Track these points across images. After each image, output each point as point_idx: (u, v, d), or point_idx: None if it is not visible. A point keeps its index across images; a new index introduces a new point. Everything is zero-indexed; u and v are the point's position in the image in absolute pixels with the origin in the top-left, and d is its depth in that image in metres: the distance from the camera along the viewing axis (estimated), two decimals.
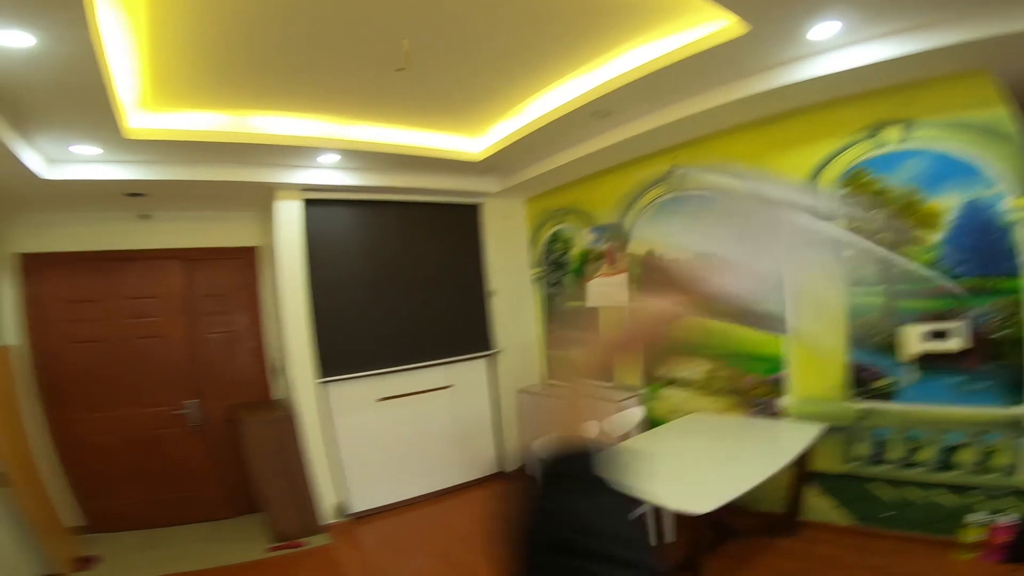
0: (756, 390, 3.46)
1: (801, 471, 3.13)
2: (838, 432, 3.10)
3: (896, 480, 2.94)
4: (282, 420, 3.86)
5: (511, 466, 4.98)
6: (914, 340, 2.78)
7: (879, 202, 2.86)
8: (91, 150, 3.00)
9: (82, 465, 3.90)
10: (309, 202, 4.02)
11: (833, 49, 2.57)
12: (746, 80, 2.86)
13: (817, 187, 3.07)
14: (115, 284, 4.01)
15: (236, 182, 3.60)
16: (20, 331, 3.74)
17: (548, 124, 3.41)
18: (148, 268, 4.11)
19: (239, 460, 4.06)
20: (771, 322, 3.16)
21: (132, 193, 3.56)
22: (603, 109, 3.23)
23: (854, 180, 2.95)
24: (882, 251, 2.86)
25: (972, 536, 2.68)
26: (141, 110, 2.84)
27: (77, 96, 2.28)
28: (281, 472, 3.80)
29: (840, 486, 3.16)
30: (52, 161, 3.07)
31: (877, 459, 3.00)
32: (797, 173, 3.15)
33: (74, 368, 3.88)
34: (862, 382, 3.00)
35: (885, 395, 2.93)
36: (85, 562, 3.48)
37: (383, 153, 3.70)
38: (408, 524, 4.05)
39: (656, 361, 3.68)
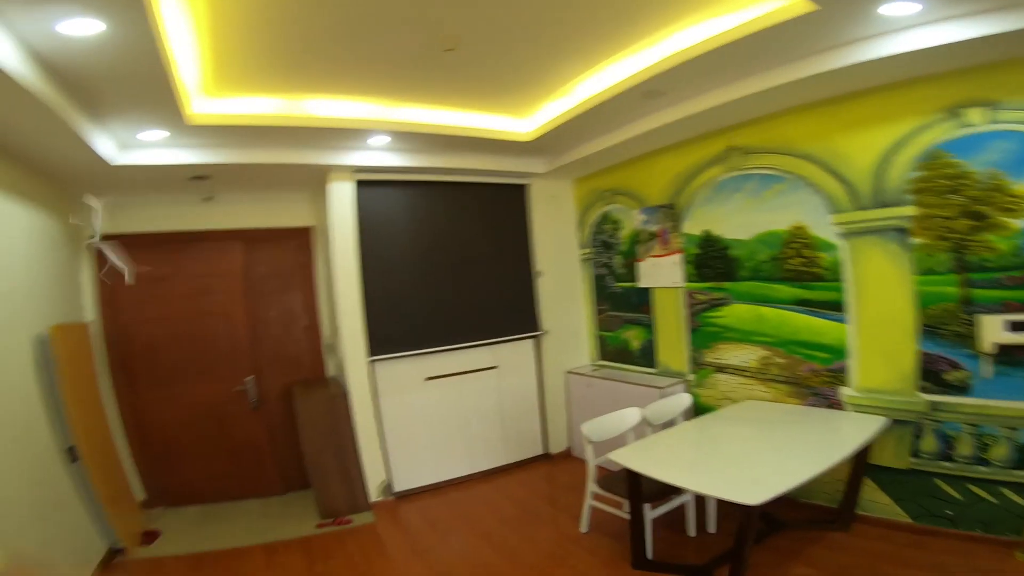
0: (815, 379, 3.34)
1: (859, 464, 3.02)
2: (902, 426, 2.97)
3: (963, 477, 2.80)
4: (335, 398, 3.97)
5: (555, 448, 5.01)
6: (993, 331, 2.60)
7: (958, 186, 2.67)
8: (157, 135, 3.12)
9: (147, 440, 4.14)
10: (361, 183, 4.09)
11: (909, 28, 2.39)
12: (812, 59, 2.70)
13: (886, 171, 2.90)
14: (181, 264, 4.19)
15: (292, 164, 3.70)
16: (95, 309, 3.97)
17: (598, 105, 3.33)
18: (211, 248, 4.28)
19: (292, 437, 4.24)
20: (832, 309, 3.07)
21: (196, 176, 3.72)
22: (656, 89, 3.13)
23: (930, 163, 2.76)
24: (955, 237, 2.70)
25: None
26: (202, 96, 2.93)
27: (143, 82, 2.36)
28: (332, 449, 3.93)
29: (901, 481, 3.03)
30: (123, 147, 3.23)
31: (944, 455, 2.85)
32: (865, 155, 2.98)
33: (143, 345, 4.10)
34: (933, 374, 2.84)
35: (958, 388, 2.76)
36: (148, 537, 3.68)
37: (432, 134, 3.72)
38: (451, 504, 4.13)
39: None
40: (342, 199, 4.01)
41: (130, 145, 3.23)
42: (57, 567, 2.71)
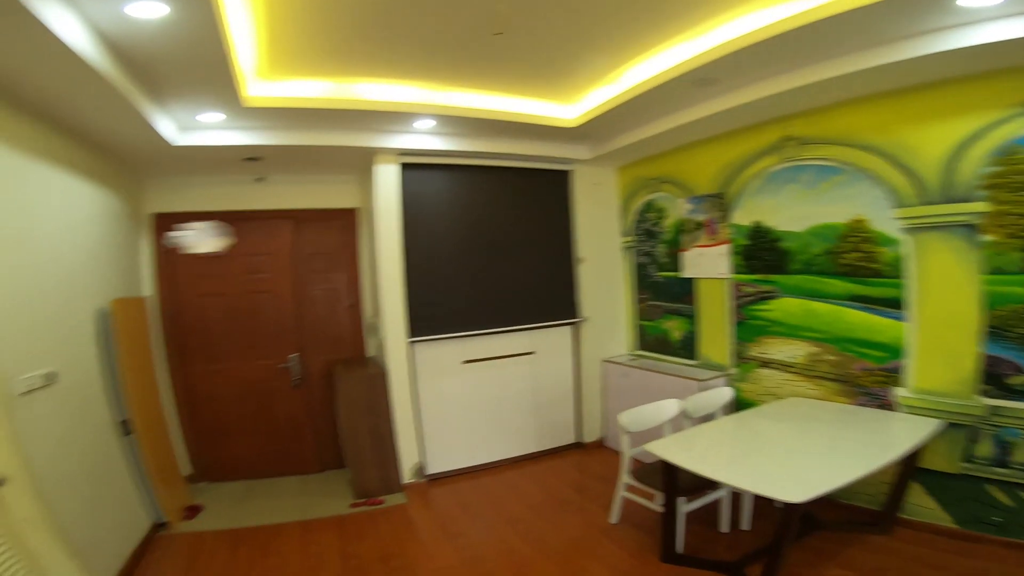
0: (867, 378, 3.23)
1: (908, 467, 2.92)
2: (957, 429, 2.85)
3: (1017, 484, 2.69)
4: (374, 378, 4.05)
5: (588, 437, 5.00)
6: None
7: None
8: (215, 117, 3.23)
9: (196, 415, 4.32)
10: (405, 166, 4.13)
11: (990, 20, 2.25)
12: (882, 48, 2.56)
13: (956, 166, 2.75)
14: (235, 242, 4.27)
15: (340, 147, 3.78)
16: (153, 285, 4.16)
17: (647, 92, 3.25)
18: (262, 228, 4.40)
19: (331, 415, 4.37)
20: (891, 306, 2.94)
21: (250, 158, 3.84)
22: (708, 77, 3.03)
23: (1006, 158, 2.60)
24: None
25: None
26: (257, 79, 3.01)
27: (204, 65, 2.43)
28: (368, 429, 4.02)
29: (949, 486, 2.92)
30: (182, 128, 3.36)
31: (999, 461, 2.73)
32: (935, 148, 2.83)
33: (196, 320, 4.27)
34: (995, 377, 2.71)
35: (1021, 393, 2.63)
36: (191, 511, 3.81)
37: (477, 119, 3.72)
38: (482, 489, 4.17)
39: None
40: (387, 181, 4.05)
41: (189, 127, 3.35)
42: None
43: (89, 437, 2.92)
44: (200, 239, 3.78)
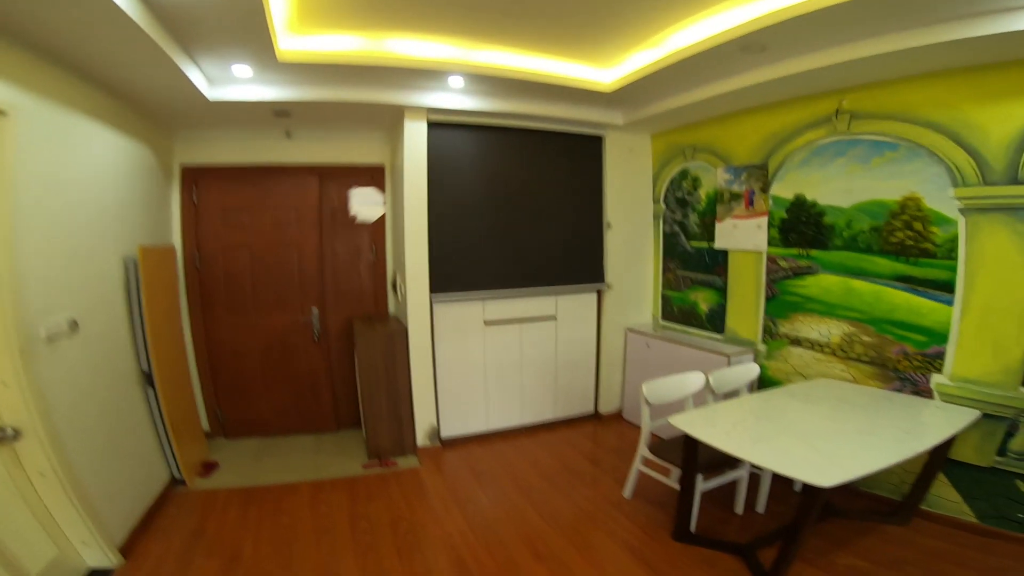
0: (905, 362, 3.06)
1: (938, 457, 2.78)
2: (994, 421, 2.70)
3: None
4: (394, 335, 4.00)
5: (606, 408, 4.92)
6: None
7: None
8: (247, 71, 3.17)
9: (217, 369, 4.36)
10: (434, 124, 4.02)
11: None
12: (956, 23, 2.35)
13: None
14: (262, 195, 4.32)
15: (369, 103, 3.67)
16: (180, 235, 4.17)
17: (690, 57, 3.06)
18: (290, 182, 4.37)
19: (349, 373, 4.38)
20: (938, 288, 2.74)
21: (279, 112, 3.78)
22: (757, 43, 2.82)
23: None
24: None
25: None
26: (288, 33, 2.92)
27: (240, 17, 2.38)
28: (385, 388, 3.99)
29: (978, 479, 2.80)
30: (215, 82, 3.32)
31: None
32: (1004, 128, 2.60)
33: (222, 272, 4.28)
34: None
35: None
36: (207, 468, 3.84)
37: (509, 78, 3.56)
38: (495, 456, 4.14)
39: None
40: (415, 138, 3.95)
41: (222, 81, 3.31)
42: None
43: (111, 388, 2.94)
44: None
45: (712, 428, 2.62)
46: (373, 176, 4.63)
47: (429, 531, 3.05)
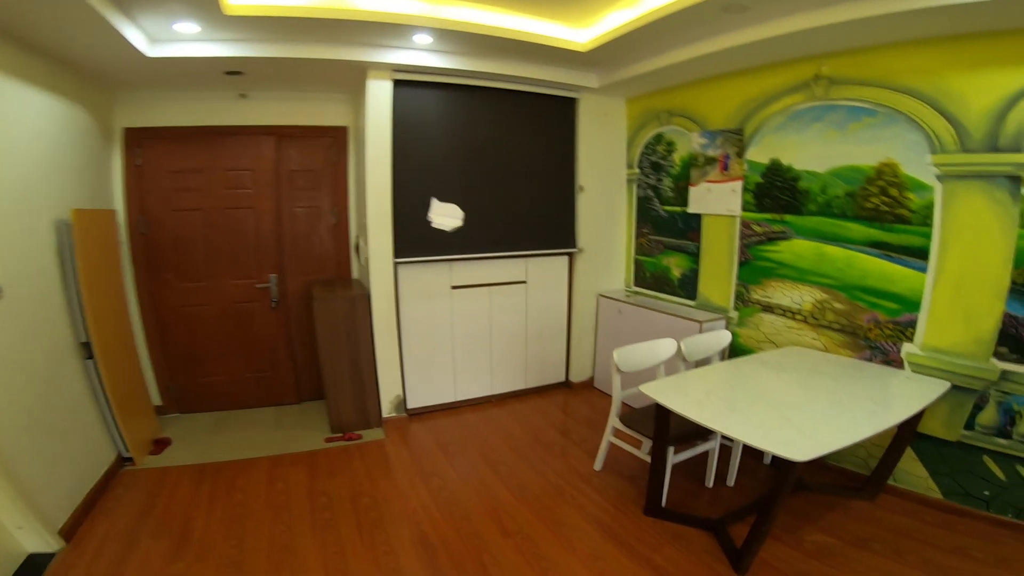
0: (876, 330, 3.03)
1: (906, 431, 2.75)
2: (963, 394, 2.69)
3: (1015, 457, 2.56)
4: (355, 300, 3.81)
5: (577, 377, 4.86)
6: None
7: None
8: (191, 27, 2.91)
9: (167, 339, 4.14)
10: (399, 83, 3.78)
11: None
12: None
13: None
14: (214, 157, 4.06)
15: (328, 60, 3.42)
16: (123, 199, 3.89)
17: (668, 16, 2.89)
18: (244, 143, 4.12)
19: (310, 341, 4.18)
20: (912, 255, 2.63)
21: (231, 71, 3.52)
22: (738, 3, 2.67)
23: None
24: None
25: None
26: None
27: None
28: (347, 357, 3.83)
29: (944, 454, 2.79)
30: (154, 40, 3.06)
31: (1001, 431, 2.59)
32: (985, 97, 2.52)
33: (171, 236, 4.02)
34: (1014, 340, 2.51)
35: None
36: (159, 445, 3.65)
37: (479, 35, 3.35)
38: (464, 426, 4.05)
39: None
40: (379, 97, 3.73)
41: (163, 38, 3.05)
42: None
43: (45, 360, 2.72)
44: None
45: (684, 397, 2.55)
46: (336, 137, 4.40)
47: (392, 506, 2.94)
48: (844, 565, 2.38)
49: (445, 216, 4.05)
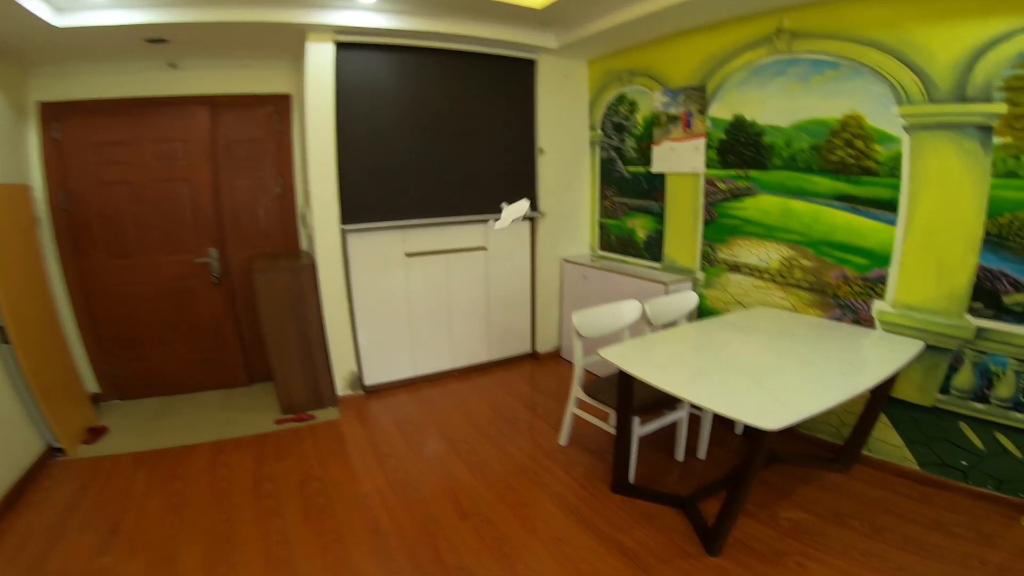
0: (845, 288, 2.93)
1: (879, 396, 2.65)
2: (938, 354, 2.59)
3: (993, 423, 2.46)
4: (300, 271, 3.57)
5: (543, 347, 4.72)
6: None
7: None
8: None
9: (100, 322, 3.85)
10: (342, 45, 3.52)
11: None
12: None
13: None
14: (142, 129, 3.74)
15: (261, 23, 3.13)
16: (41, 174, 3.58)
17: None
18: (176, 114, 3.81)
19: (257, 318, 3.91)
20: (880, 207, 2.47)
21: (153, 39, 3.21)
22: None
23: None
24: None
25: None
26: None
27: None
28: (294, 332, 3.60)
29: (920, 420, 2.70)
30: (60, 9, 2.78)
31: (979, 395, 2.49)
32: (951, 49, 2.41)
33: (98, 212, 3.71)
34: (989, 294, 2.40)
35: (1017, 314, 2.34)
36: (93, 434, 3.41)
37: None
38: (423, 403, 3.88)
39: None
40: (320, 61, 3.46)
41: (69, 7, 2.77)
42: None
43: None
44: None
45: (648, 362, 2.40)
46: (279, 106, 4.10)
47: (343, 490, 2.77)
48: (822, 543, 2.26)
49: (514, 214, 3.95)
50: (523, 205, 4.02)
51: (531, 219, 4.53)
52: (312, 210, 3.60)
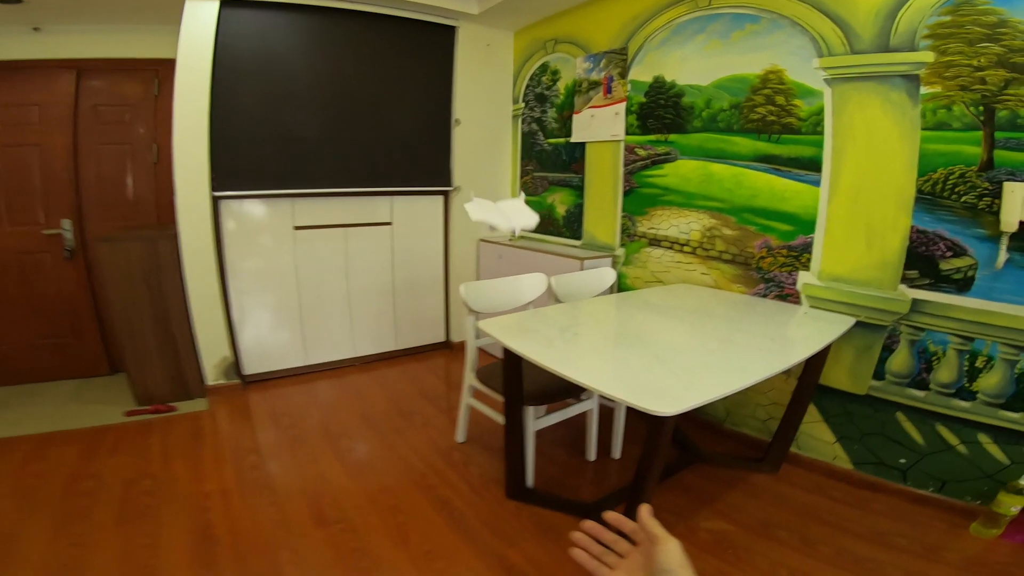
0: (768, 259, 2.66)
1: (806, 385, 2.37)
2: (871, 332, 2.32)
3: (934, 414, 2.19)
4: (156, 240, 3.08)
5: (458, 336, 4.33)
6: (1020, 205, 1.88)
7: (996, 35, 1.90)
8: None
9: None
10: (229, 3, 3.10)
11: None
12: None
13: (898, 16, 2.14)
14: None
15: None
16: None
17: None
18: (35, 78, 3.35)
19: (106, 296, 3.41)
20: (803, 167, 2.07)
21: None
22: None
23: (959, 8, 1.98)
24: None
25: (1009, 506, 1.96)
26: None
27: None
28: (150, 313, 3.10)
29: (852, 412, 2.42)
30: None
31: (917, 380, 2.23)
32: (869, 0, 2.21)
33: None
34: (925, 260, 2.15)
35: (955, 282, 2.09)
36: None
37: None
38: (312, 395, 3.44)
39: None
40: (198, 18, 3.04)
41: None
42: None
43: None
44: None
45: (533, 335, 2.04)
46: (159, 71, 3.60)
47: (179, 490, 2.31)
48: (746, 560, 1.93)
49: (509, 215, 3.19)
50: (517, 204, 3.27)
51: (444, 193, 4.14)
52: (175, 172, 3.11)
